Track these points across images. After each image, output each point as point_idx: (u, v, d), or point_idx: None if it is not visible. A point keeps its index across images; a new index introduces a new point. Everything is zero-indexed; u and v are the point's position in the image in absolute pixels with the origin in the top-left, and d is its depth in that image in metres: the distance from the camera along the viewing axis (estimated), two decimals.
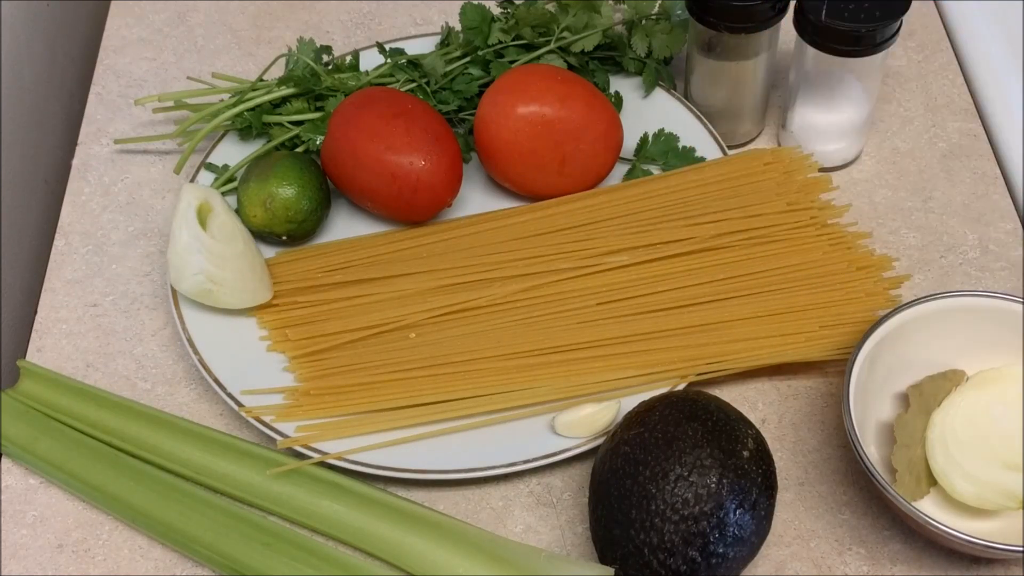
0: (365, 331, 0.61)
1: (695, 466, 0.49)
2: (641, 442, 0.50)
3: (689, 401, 0.52)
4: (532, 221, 0.66)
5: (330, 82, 0.70)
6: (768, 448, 0.52)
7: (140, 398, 0.62)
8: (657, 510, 0.48)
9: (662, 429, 0.50)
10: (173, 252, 0.61)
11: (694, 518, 0.48)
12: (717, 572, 0.49)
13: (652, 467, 0.49)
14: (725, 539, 0.48)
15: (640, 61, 0.72)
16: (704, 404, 0.52)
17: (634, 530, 0.49)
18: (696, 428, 0.50)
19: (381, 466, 0.56)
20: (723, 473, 0.49)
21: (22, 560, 0.56)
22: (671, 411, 0.51)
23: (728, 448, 0.50)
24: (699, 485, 0.48)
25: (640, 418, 0.52)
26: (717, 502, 0.48)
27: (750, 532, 0.49)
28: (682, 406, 0.52)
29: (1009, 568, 0.54)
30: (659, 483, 0.49)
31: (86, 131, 0.76)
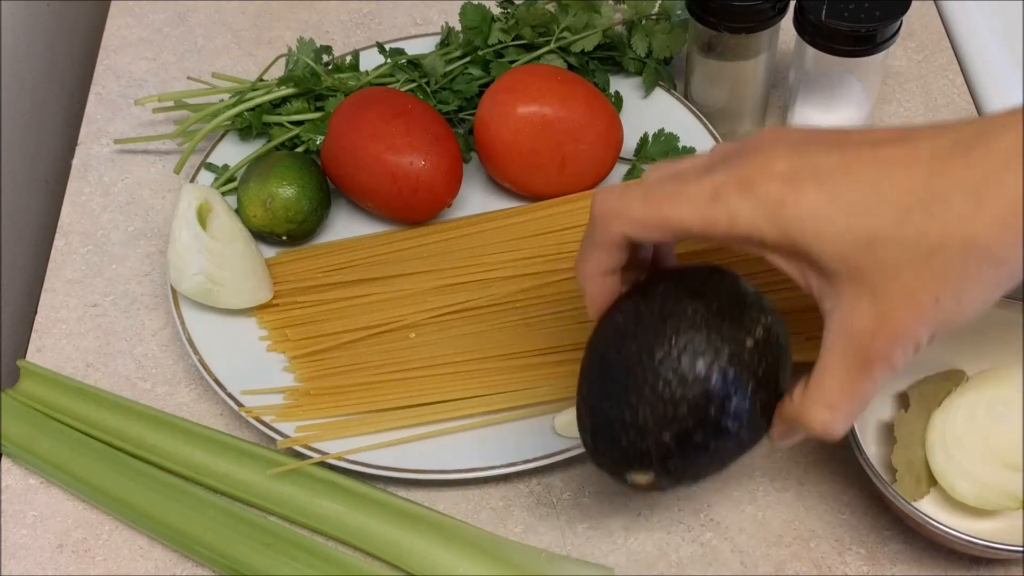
0: (365, 331, 0.61)
1: (685, 349, 0.44)
2: (635, 313, 0.46)
3: (703, 276, 0.47)
4: (532, 221, 0.66)
5: (330, 82, 0.70)
6: (784, 341, 0.47)
7: (140, 398, 0.62)
8: (634, 386, 0.45)
9: (661, 303, 0.46)
10: (173, 252, 0.61)
11: (673, 402, 0.44)
12: (696, 461, 0.46)
13: (639, 341, 0.45)
14: (706, 429, 0.45)
15: (640, 61, 0.72)
16: (717, 282, 0.47)
17: (608, 403, 0.46)
18: (698, 308, 0.45)
19: (381, 466, 0.56)
20: (715, 360, 0.44)
21: (22, 560, 0.56)
22: (677, 286, 0.46)
23: (730, 335, 0.45)
24: (685, 369, 0.44)
25: (642, 288, 0.47)
26: (703, 389, 0.44)
27: (737, 427, 0.45)
28: (692, 281, 0.47)
29: (1009, 568, 0.54)
30: (643, 359, 0.45)
31: (86, 131, 0.76)
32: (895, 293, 0.40)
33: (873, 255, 0.40)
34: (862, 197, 0.40)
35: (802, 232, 0.40)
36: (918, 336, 0.40)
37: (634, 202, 0.44)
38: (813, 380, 0.43)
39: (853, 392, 0.42)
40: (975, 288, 0.39)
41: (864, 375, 0.41)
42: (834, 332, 0.42)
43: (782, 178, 0.41)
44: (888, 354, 0.41)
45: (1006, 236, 0.38)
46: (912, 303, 0.40)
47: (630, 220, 0.44)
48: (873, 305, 0.40)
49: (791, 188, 0.40)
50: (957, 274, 0.39)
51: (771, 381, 0.46)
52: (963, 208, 0.38)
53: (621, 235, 0.45)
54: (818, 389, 0.43)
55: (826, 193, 0.40)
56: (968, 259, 0.39)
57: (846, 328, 0.41)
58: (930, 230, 0.39)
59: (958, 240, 0.38)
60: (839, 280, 0.41)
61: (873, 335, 0.40)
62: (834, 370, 0.42)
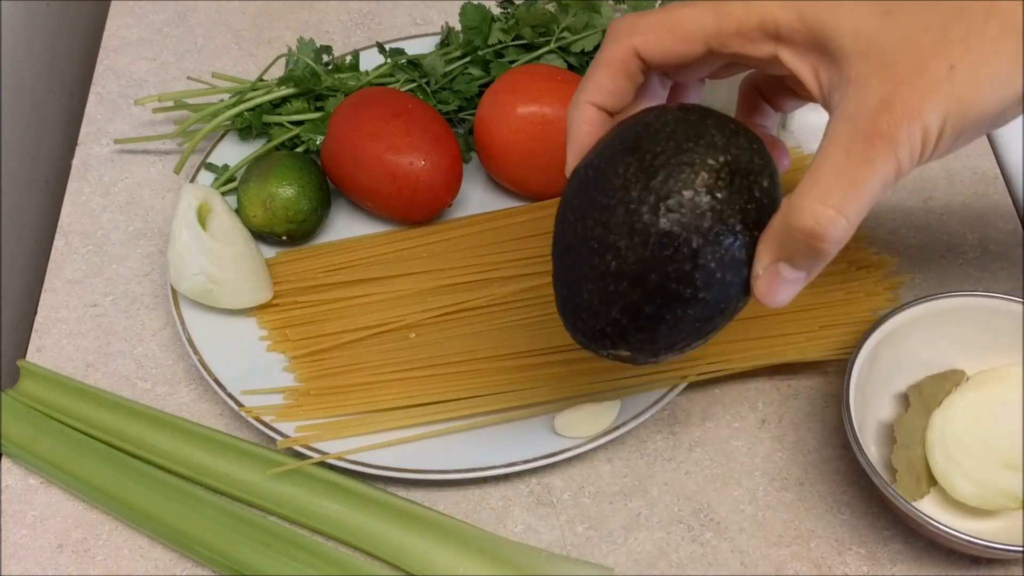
0: (365, 331, 0.61)
1: (614, 212, 0.39)
2: (578, 180, 0.41)
3: (642, 124, 0.41)
4: (532, 221, 0.66)
5: (330, 82, 0.70)
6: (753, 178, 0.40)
7: (140, 398, 0.62)
8: (575, 264, 0.41)
9: (596, 164, 0.41)
10: (173, 252, 0.61)
11: (611, 275, 0.40)
12: (659, 333, 0.41)
13: (576, 212, 0.41)
14: (652, 299, 0.40)
15: None
16: (657, 129, 0.40)
17: (561, 282, 0.42)
18: (630, 163, 0.39)
19: (381, 466, 0.56)
20: (650, 222, 0.38)
21: (22, 560, 0.56)
22: (615, 140, 0.41)
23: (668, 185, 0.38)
24: (615, 235, 0.39)
25: (593, 148, 0.42)
26: (639, 257, 0.39)
27: (690, 293, 0.40)
28: (630, 132, 0.41)
29: (1009, 568, 0.54)
30: (578, 232, 0.40)
31: (86, 131, 0.76)
32: (907, 62, 0.36)
33: (889, 23, 0.37)
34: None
35: (817, 10, 0.37)
36: (926, 116, 0.36)
37: (647, 14, 0.41)
38: (807, 174, 0.38)
39: (850, 180, 0.37)
40: (995, 60, 0.36)
41: (863, 159, 0.37)
42: (837, 118, 0.38)
43: None
44: (892, 133, 0.36)
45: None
46: (924, 73, 0.36)
47: (642, 29, 0.41)
48: (882, 81, 0.36)
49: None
50: (977, 37, 0.36)
51: (731, 228, 0.39)
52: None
53: (630, 47, 0.41)
54: (811, 180, 0.38)
55: None
56: (990, 22, 0.36)
57: (850, 110, 0.37)
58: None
59: (982, 3, 0.36)
60: (852, 60, 0.37)
61: (877, 112, 0.36)
62: (831, 157, 0.38)
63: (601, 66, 0.42)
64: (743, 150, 0.41)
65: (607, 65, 0.42)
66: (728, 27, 0.39)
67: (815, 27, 0.38)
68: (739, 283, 0.41)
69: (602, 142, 0.42)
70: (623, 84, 0.42)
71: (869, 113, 0.37)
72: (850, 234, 0.38)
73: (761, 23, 0.39)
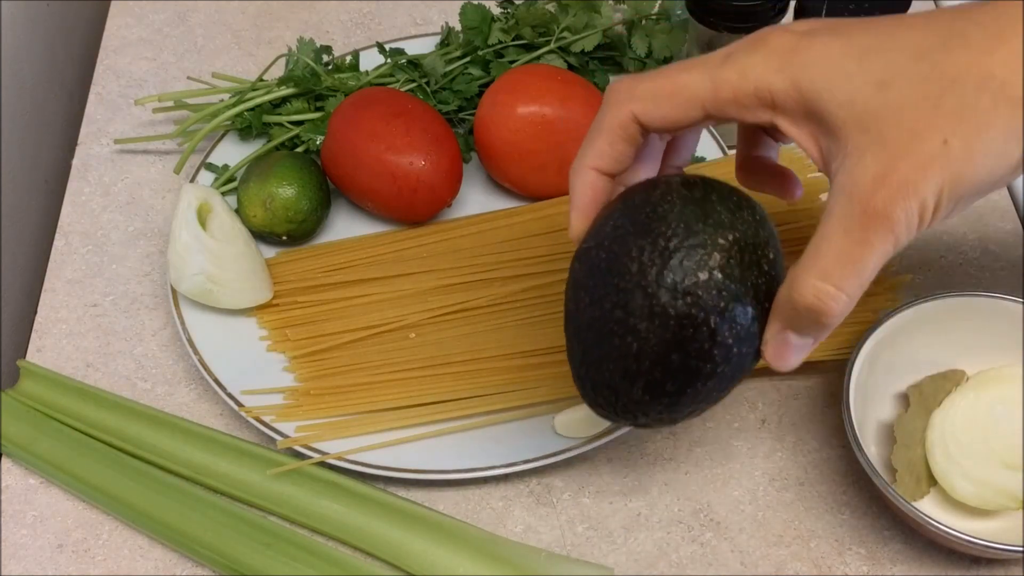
0: (365, 331, 0.61)
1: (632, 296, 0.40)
2: (590, 261, 0.42)
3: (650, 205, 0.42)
4: (532, 221, 0.66)
5: (330, 82, 0.70)
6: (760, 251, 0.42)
7: (140, 398, 0.62)
8: (595, 344, 0.42)
9: (607, 246, 0.41)
10: (173, 252, 0.61)
11: (633, 356, 0.41)
12: (681, 406, 0.42)
13: (591, 294, 0.41)
14: (674, 377, 0.41)
15: (640, 61, 0.72)
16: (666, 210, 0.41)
17: (579, 362, 0.43)
18: (644, 247, 0.40)
19: (381, 466, 0.56)
20: (668, 304, 0.40)
21: (22, 560, 0.56)
22: (625, 221, 0.42)
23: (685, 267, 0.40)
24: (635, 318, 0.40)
25: (597, 224, 0.43)
26: (660, 339, 0.40)
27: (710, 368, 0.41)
28: (639, 214, 0.41)
29: (1009, 568, 0.54)
30: (597, 314, 0.41)
31: (86, 131, 0.76)
32: (901, 137, 0.36)
33: (883, 96, 0.37)
34: (877, 43, 0.37)
35: (811, 80, 0.38)
36: (922, 191, 0.36)
37: (645, 79, 0.41)
38: (808, 249, 0.39)
39: (849, 259, 0.38)
40: (988, 130, 0.36)
41: (862, 239, 0.37)
42: (835, 192, 0.38)
43: (797, 34, 0.39)
44: (889, 211, 0.37)
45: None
46: (918, 147, 0.36)
47: (640, 95, 0.41)
48: (877, 156, 0.37)
49: (803, 39, 0.38)
50: (970, 110, 0.36)
51: (744, 303, 0.41)
52: (981, 43, 0.36)
53: (629, 114, 0.41)
54: (812, 257, 0.39)
55: (840, 41, 0.38)
56: (983, 93, 0.36)
57: (847, 185, 0.38)
58: (945, 65, 0.36)
59: (975, 74, 0.36)
60: (846, 132, 0.38)
61: (873, 189, 0.37)
62: (831, 234, 0.38)
63: (601, 132, 0.43)
64: (748, 224, 0.42)
65: (607, 131, 0.42)
66: (724, 95, 0.40)
67: (810, 97, 0.38)
68: (753, 352, 0.43)
69: (609, 219, 0.43)
70: (623, 148, 0.43)
71: (866, 189, 0.37)
72: (851, 306, 0.39)
73: (757, 92, 0.39)
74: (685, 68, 0.41)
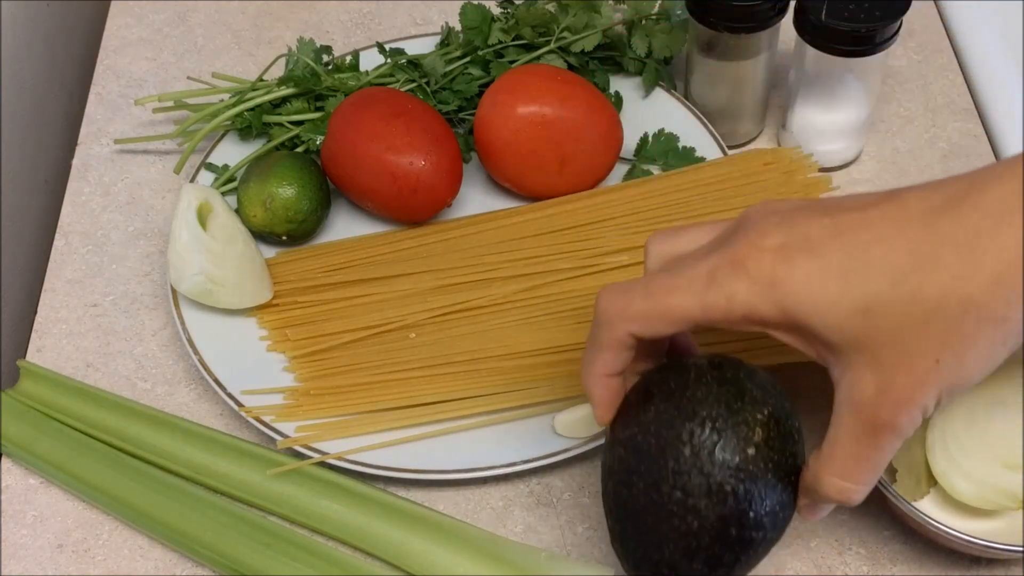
0: (365, 331, 0.61)
1: (689, 478, 0.43)
2: (635, 447, 0.45)
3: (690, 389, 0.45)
4: (532, 221, 0.66)
5: (330, 82, 0.70)
6: (788, 421, 0.46)
7: (140, 398, 0.62)
8: (653, 525, 0.44)
9: (655, 432, 0.44)
10: (173, 252, 0.61)
11: (693, 534, 0.43)
12: (735, 571, 0.45)
13: (645, 478, 0.44)
14: (732, 549, 0.44)
15: (640, 61, 0.72)
16: (704, 392, 0.45)
17: (635, 544, 0.45)
18: (693, 430, 0.44)
19: (381, 466, 0.56)
20: (724, 481, 0.43)
21: (22, 560, 0.56)
22: (668, 407, 0.45)
23: (733, 445, 0.43)
24: (694, 498, 0.43)
25: (637, 411, 0.46)
26: (719, 515, 0.43)
27: (762, 536, 0.44)
28: (681, 398, 0.45)
29: (1009, 568, 0.54)
30: (653, 498, 0.44)
31: (86, 131, 0.76)
32: (895, 359, 0.39)
33: (870, 322, 0.39)
34: (854, 263, 0.39)
35: (798, 307, 0.40)
36: (922, 401, 0.39)
37: (635, 298, 0.44)
38: (824, 451, 0.43)
39: (863, 461, 0.42)
40: (976, 348, 0.38)
41: (872, 444, 0.41)
42: (841, 402, 0.41)
43: (773, 253, 0.40)
44: (893, 422, 0.40)
45: (1003, 292, 0.37)
46: (912, 367, 0.39)
47: (633, 317, 0.44)
48: (875, 373, 0.39)
49: (783, 262, 0.40)
50: (956, 334, 0.38)
51: (786, 471, 0.45)
52: (957, 266, 0.38)
53: (626, 334, 0.44)
54: (830, 460, 0.42)
55: (818, 263, 0.40)
56: (966, 318, 0.38)
57: (851, 399, 0.41)
58: (925, 291, 0.38)
59: (955, 299, 0.38)
60: (841, 349, 0.40)
61: (877, 404, 0.40)
62: (843, 441, 0.42)
63: (603, 349, 0.45)
64: (776, 397, 0.46)
65: (609, 349, 0.45)
66: (714, 316, 0.42)
67: (800, 322, 0.40)
68: (793, 512, 0.46)
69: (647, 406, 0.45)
70: (627, 355, 0.46)
71: (870, 402, 0.40)
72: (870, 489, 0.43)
73: (746, 316, 0.41)
74: (671, 289, 0.43)
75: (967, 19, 0.79)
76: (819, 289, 0.39)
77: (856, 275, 0.39)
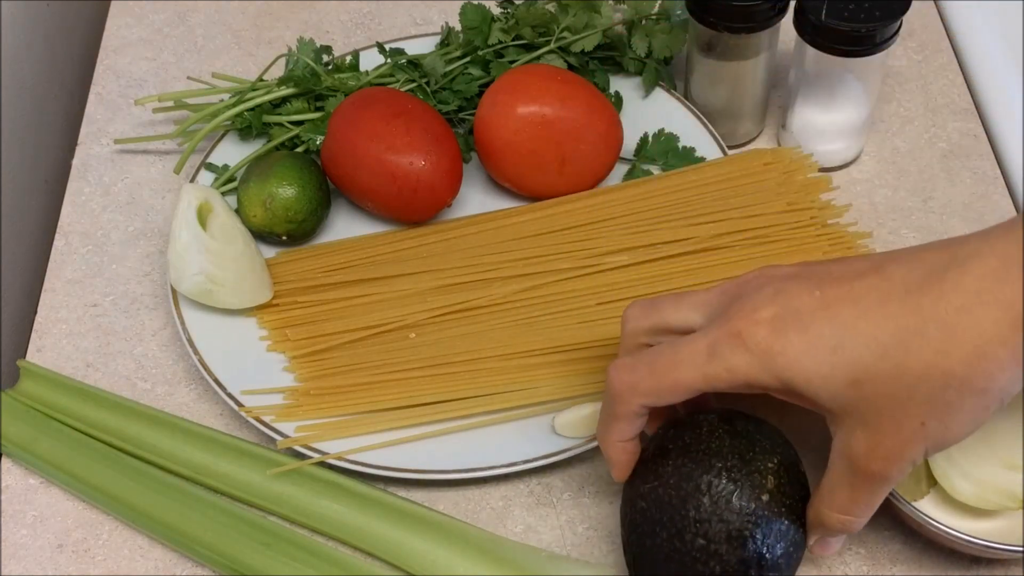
0: (365, 331, 0.61)
1: (710, 525, 0.46)
2: (656, 499, 0.48)
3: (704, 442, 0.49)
4: (532, 221, 0.66)
5: (330, 82, 0.70)
6: (796, 467, 0.49)
7: (140, 398, 0.62)
8: (678, 572, 0.47)
9: (675, 484, 0.47)
10: (173, 252, 0.61)
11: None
12: None
13: (668, 528, 0.47)
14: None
15: (640, 61, 0.72)
16: (719, 445, 0.48)
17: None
18: (711, 482, 0.47)
19: (381, 466, 0.56)
20: (743, 527, 0.46)
21: (22, 560, 0.56)
22: (686, 461, 0.48)
23: (748, 493, 0.47)
24: (716, 544, 0.46)
25: (656, 466, 0.49)
26: (739, 558, 0.46)
27: (784, 567, 0.48)
28: (696, 451, 0.48)
29: (1009, 568, 0.54)
30: (677, 545, 0.47)
31: (86, 131, 0.76)
32: (883, 423, 0.42)
33: (859, 392, 0.42)
34: (843, 339, 0.42)
35: (792, 377, 0.43)
36: (909, 456, 0.43)
37: (643, 376, 0.47)
38: (824, 491, 0.46)
39: (859, 502, 0.45)
40: (959, 415, 0.41)
41: (865, 489, 0.45)
42: (836, 452, 0.45)
43: (768, 326, 0.44)
44: (884, 473, 0.43)
45: (983, 366, 0.40)
46: (899, 429, 0.42)
47: (644, 393, 0.47)
48: (865, 433, 0.43)
49: (777, 336, 0.43)
50: (940, 403, 0.41)
51: (797, 514, 0.48)
52: (939, 342, 0.40)
53: (639, 406, 0.47)
54: (829, 499, 0.46)
55: (809, 338, 0.43)
56: (948, 389, 0.41)
57: (845, 452, 0.44)
58: (909, 364, 0.41)
59: (937, 372, 0.40)
60: (835, 413, 0.44)
61: (868, 459, 0.43)
62: (839, 486, 0.45)
63: (618, 420, 0.48)
64: (782, 446, 0.50)
65: (623, 419, 0.48)
66: (718, 385, 0.45)
67: (798, 391, 0.44)
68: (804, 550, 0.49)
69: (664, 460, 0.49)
70: (639, 423, 0.49)
71: (862, 456, 0.43)
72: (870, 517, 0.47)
73: (747, 384, 0.45)
74: (675, 365, 0.46)
75: (967, 19, 0.79)
76: (811, 363, 0.43)
77: (845, 350, 0.42)
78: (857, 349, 0.42)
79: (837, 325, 0.43)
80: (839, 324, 0.43)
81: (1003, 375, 0.40)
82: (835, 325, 0.43)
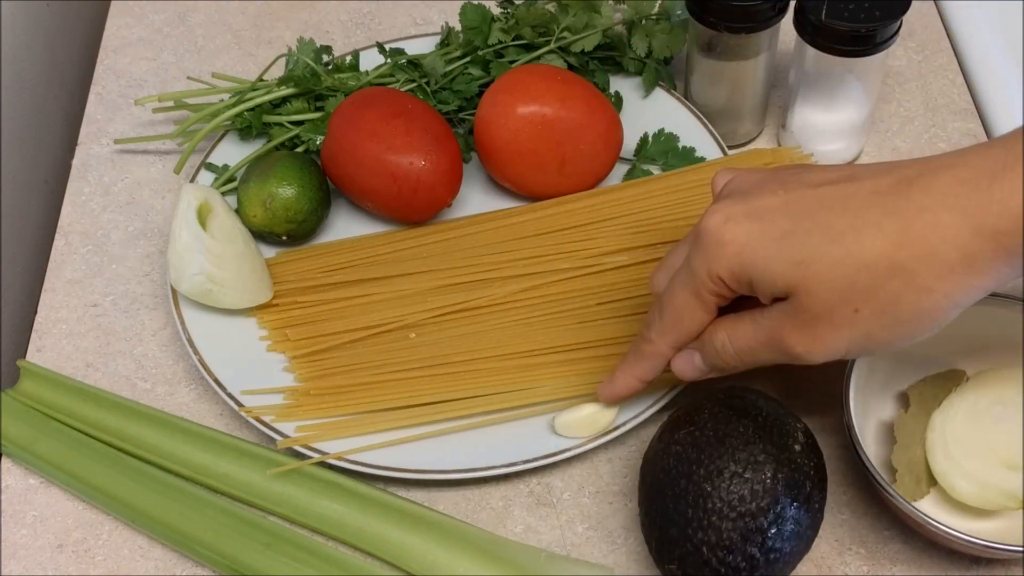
0: (365, 331, 0.61)
1: (749, 462, 0.49)
2: (693, 441, 0.50)
3: (736, 398, 0.52)
4: (532, 221, 0.66)
5: (330, 82, 0.70)
6: (816, 440, 0.52)
7: (140, 398, 0.62)
8: (714, 508, 0.48)
9: (713, 427, 0.50)
10: (173, 252, 0.61)
11: (751, 514, 0.48)
12: (775, 568, 0.49)
13: (706, 465, 0.49)
14: (783, 534, 0.48)
15: (640, 61, 0.72)
16: (752, 400, 0.52)
17: (691, 529, 0.48)
18: (747, 424, 0.50)
19: (381, 466, 0.56)
20: (777, 468, 0.49)
21: (22, 560, 0.56)
22: (720, 408, 0.51)
23: (780, 443, 0.50)
24: (754, 481, 0.48)
25: (689, 417, 0.52)
26: (773, 497, 0.48)
27: (806, 526, 0.49)
28: (730, 403, 0.52)
29: (1009, 568, 0.54)
30: (714, 481, 0.48)
31: (86, 131, 0.76)
32: (816, 304, 0.43)
33: (801, 271, 0.43)
34: (795, 226, 0.43)
35: (741, 263, 0.44)
36: (833, 344, 0.44)
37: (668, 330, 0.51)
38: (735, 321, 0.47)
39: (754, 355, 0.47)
40: (897, 309, 0.41)
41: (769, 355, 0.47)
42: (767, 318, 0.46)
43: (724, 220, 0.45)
44: (801, 355, 0.45)
45: (935, 264, 0.40)
46: (832, 314, 0.43)
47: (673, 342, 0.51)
48: (797, 312, 0.44)
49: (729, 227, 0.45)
50: (881, 291, 0.41)
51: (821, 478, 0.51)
52: (893, 235, 0.41)
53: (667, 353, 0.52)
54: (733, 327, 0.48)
55: (762, 226, 0.44)
56: (893, 280, 0.41)
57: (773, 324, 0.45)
58: (860, 249, 0.41)
59: (886, 262, 0.41)
60: (780, 297, 0.45)
61: (792, 337, 0.45)
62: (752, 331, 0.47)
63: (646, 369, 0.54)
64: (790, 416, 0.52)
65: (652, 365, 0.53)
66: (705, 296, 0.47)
67: (747, 277, 0.45)
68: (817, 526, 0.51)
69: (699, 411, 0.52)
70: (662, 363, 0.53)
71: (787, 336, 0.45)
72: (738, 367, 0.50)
73: (713, 280, 0.46)
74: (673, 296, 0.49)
75: (967, 19, 0.79)
76: (760, 246, 0.44)
77: (796, 235, 0.43)
78: (809, 233, 0.42)
79: (794, 216, 0.43)
80: (796, 215, 0.43)
81: (951, 278, 0.40)
82: (792, 216, 0.43)
